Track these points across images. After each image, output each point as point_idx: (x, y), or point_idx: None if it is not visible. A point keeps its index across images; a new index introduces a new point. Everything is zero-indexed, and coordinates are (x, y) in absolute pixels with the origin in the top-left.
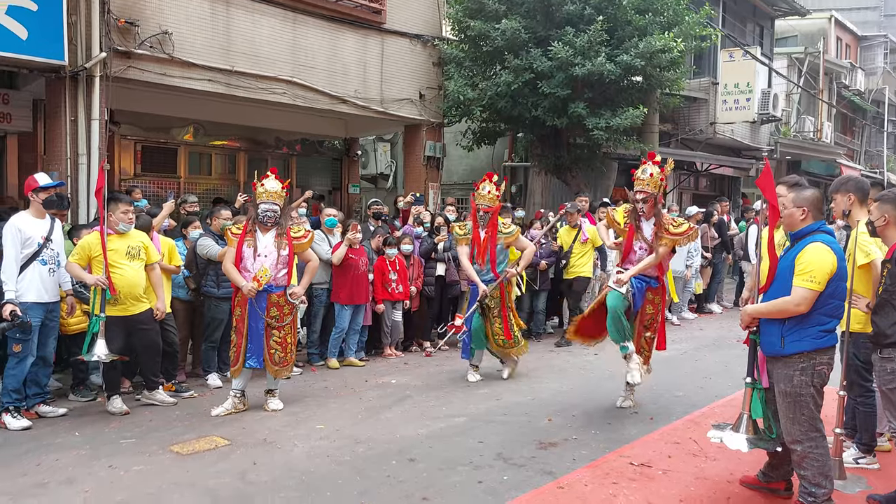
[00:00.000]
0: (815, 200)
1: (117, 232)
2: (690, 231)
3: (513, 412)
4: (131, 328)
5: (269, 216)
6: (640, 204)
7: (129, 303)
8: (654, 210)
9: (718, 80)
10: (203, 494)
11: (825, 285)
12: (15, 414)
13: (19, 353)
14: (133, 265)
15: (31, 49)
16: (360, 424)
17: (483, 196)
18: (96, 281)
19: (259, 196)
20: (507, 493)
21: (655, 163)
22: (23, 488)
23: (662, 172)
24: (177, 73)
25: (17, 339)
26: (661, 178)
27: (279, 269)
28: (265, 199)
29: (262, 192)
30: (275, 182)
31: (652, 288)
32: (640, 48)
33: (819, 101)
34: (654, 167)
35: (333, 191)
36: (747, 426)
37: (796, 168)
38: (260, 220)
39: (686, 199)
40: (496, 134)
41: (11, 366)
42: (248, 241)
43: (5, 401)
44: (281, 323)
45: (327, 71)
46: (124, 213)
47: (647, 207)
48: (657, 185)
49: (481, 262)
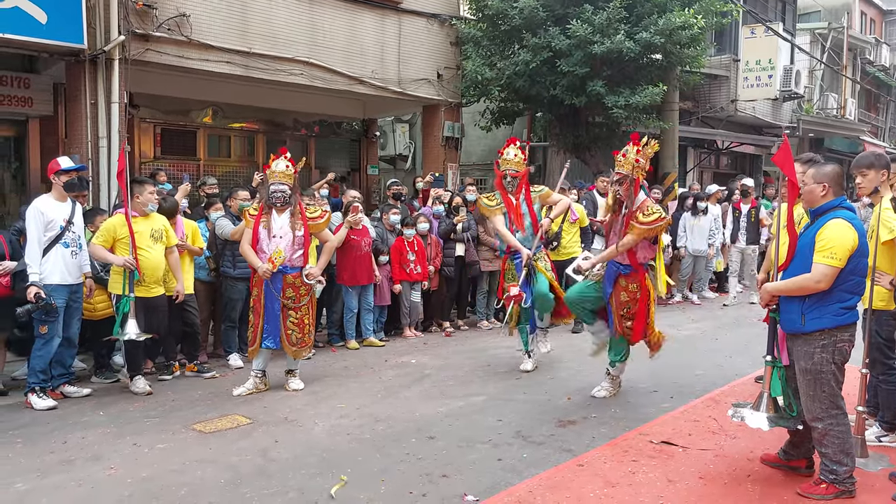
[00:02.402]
0: (835, 176)
1: (143, 214)
2: (660, 221)
3: (532, 391)
4: (151, 310)
5: (277, 196)
6: (616, 186)
7: (151, 285)
8: (628, 193)
9: (740, 57)
10: (225, 470)
11: (846, 262)
12: (41, 394)
13: (45, 334)
14: (156, 248)
15: (50, 33)
16: (379, 403)
17: (509, 161)
18: (125, 262)
19: (269, 177)
20: (527, 471)
21: (636, 144)
22: (50, 465)
23: (639, 154)
24: (195, 55)
25: (42, 321)
26: (636, 160)
27: (294, 250)
28: (274, 179)
29: (270, 173)
30: (283, 162)
31: (623, 274)
32: (660, 25)
33: (842, 78)
34: (631, 148)
35: (352, 172)
36: (767, 404)
37: (819, 146)
38: (270, 202)
39: (707, 178)
40: (514, 114)
41: (38, 347)
42: (264, 222)
43: (31, 381)
44: (298, 304)
45: (345, 52)
46: (151, 193)
47: (622, 190)
48: (633, 165)
49: (521, 227)
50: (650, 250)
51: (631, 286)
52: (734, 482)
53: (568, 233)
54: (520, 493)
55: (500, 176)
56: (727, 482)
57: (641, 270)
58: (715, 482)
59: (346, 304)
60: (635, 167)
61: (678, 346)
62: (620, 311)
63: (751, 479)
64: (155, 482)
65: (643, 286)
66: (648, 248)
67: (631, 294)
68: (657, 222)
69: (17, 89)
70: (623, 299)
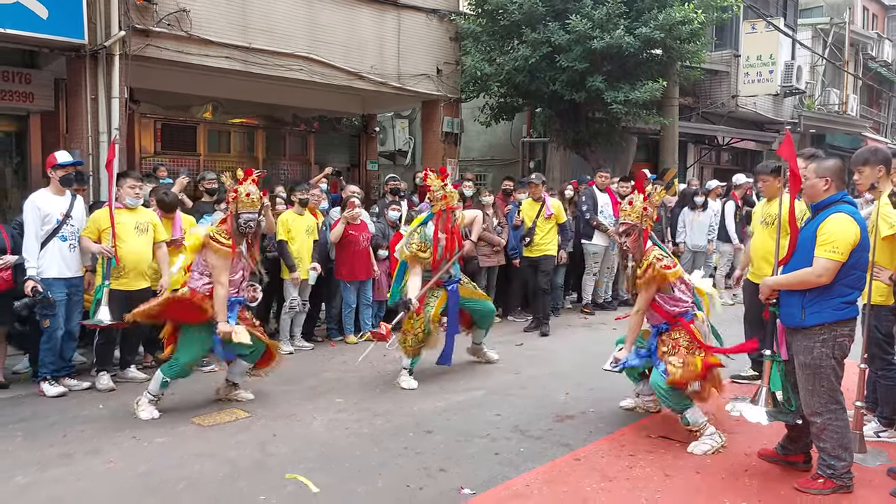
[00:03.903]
0: (837, 170)
1: (125, 206)
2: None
3: (531, 386)
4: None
5: (251, 227)
6: (623, 238)
7: (132, 277)
8: (637, 245)
9: (740, 53)
10: (223, 464)
11: (848, 256)
12: (52, 382)
13: (48, 327)
14: (140, 240)
15: (51, 28)
16: (378, 398)
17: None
18: (101, 249)
19: (240, 205)
20: (524, 465)
21: (641, 191)
22: (50, 458)
23: (646, 201)
24: (194, 50)
25: (43, 315)
26: (644, 209)
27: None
28: (244, 207)
29: (245, 202)
30: (254, 187)
31: (664, 332)
32: (660, 20)
33: (844, 73)
34: (638, 196)
35: (352, 167)
36: (766, 399)
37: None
38: (241, 231)
39: (707, 174)
40: (514, 109)
41: (44, 340)
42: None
43: (43, 371)
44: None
45: (344, 46)
46: (131, 187)
47: (630, 242)
48: (640, 215)
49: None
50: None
51: (674, 334)
52: (731, 477)
53: (542, 229)
54: (516, 486)
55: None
56: (724, 477)
57: (683, 321)
58: (712, 476)
59: (345, 299)
60: (643, 216)
61: None
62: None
63: (748, 474)
64: (153, 476)
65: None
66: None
67: (674, 342)
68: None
69: (18, 84)
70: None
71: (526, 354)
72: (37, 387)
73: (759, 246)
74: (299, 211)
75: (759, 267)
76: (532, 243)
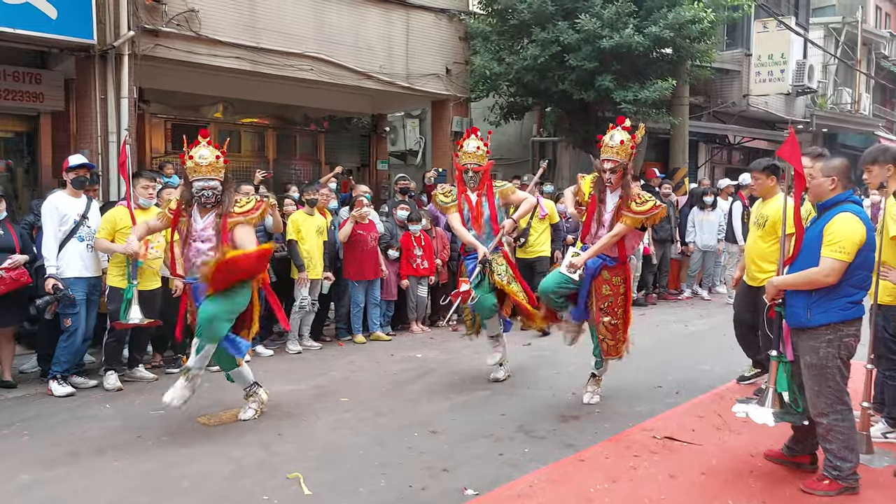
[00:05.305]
0: (843, 169)
1: (139, 206)
2: (655, 210)
3: (537, 386)
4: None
5: (207, 196)
6: (608, 174)
7: (147, 277)
8: (621, 181)
9: (752, 52)
10: (228, 463)
11: (854, 256)
12: (61, 381)
13: (69, 326)
14: (153, 240)
15: (60, 28)
16: (383, 397)
17: (470, 154)
18: (125, 249)
19: (190, 172)
20: (528, 465)
21: (626, 129)
22: (55, 457)
23: (633, 140)
24: (203, 50)
25: (65, 314)
26: (631, 147)
27: None
28: (199, 173)
29: (193, 167)
30: (208, 150)
31: (608, 266)
32: (670, 19)
33: (857, 73)
34: (623, 133)
35: (362, 167)
36: (773, 400)
37: (833, 141)
38: (198, 202)
39: (718, 173)
40: (524, 109)
41: (64, 339)
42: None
43: (55, 369)
44: None
45: (352, 46)
46: (144, 188)
47: (614, 178)
48: (628, 153)
49: (478, 227)
50: (637, 240)
51: (615, 279)
52: (737, 478)
53: (536, 230)
54: (520, 487)
55: (461, 170)
56: (729, 478)
57: (627, 263)
58: (717, 478)
59: (353, 298)
60: (629, 154)
61: (685, 342)
62: (601, 305)
63: (754, 475)
64: (157, 475)
65: (627, 281)
66: (636, 238)
67: (614, 288)
68: (652, 210)
69: (28, 85)
70: (605, 293)
71: (532, 354)
72: (45, 386)
73: (751, 247)
74: (309, 211)
75: (749, 269)
76: (526, 244)
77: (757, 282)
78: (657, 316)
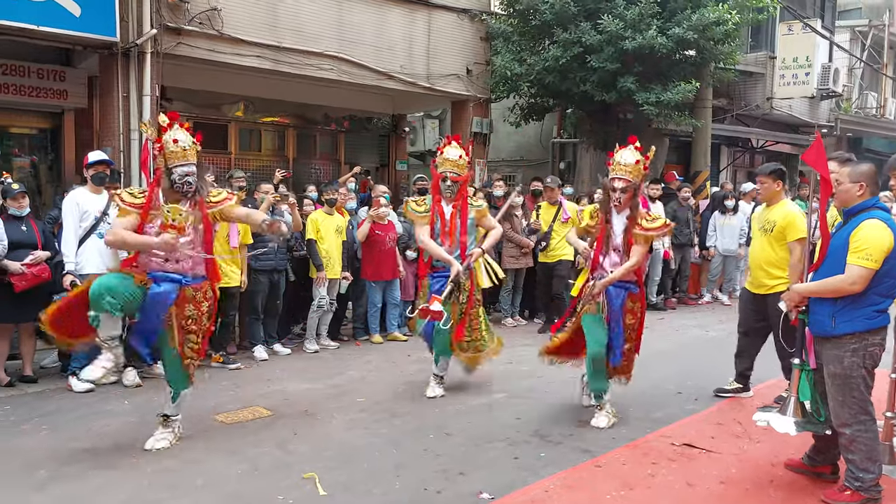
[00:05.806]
0: (872, 175)
1: None
2: (665, 228)
3: (554, 390)
4: None
5: (189, 183)
6: (619, 193)
7: None
8: (630, 202)
9: (776, 54)
10: (243, 462)
11: (881, 263)
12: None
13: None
14: None
15: (84, 26)
16: (399, 398)
17: (451, 162)
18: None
19: (169, 157)
20: (543, 470)
21: (638, 149)
22: (73, 453)
23: (647, 160)
24: (226, 49)
25: None
26: (644, 168)
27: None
28: (176, 159)
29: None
30: (183, 133)
31: (632, 294)
32: (693, 21)
33: (883, 76)
34: (637, 153)
35: (381, 167)
36: (795, 408)
37: (857, 145)
38: (179, 190)
39: (741, 177)
40: (544, 110)
41: None
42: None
43: (74, 365)
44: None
45: (373, 46)
46: None
47: (624, 198)
48: (640, 173)
49: (449, 241)
50: (646, 259)
51: (636, 305)
52: (756, 487)
53: (558, 234)
54: (535, 492)
55: (438, 178)
56: (749, 487)
57: (643, 287)
58: (736, 487)
59: (370, 298)
60: (642, 175)
61: (705, 347)
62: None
63: (774, 485)
64: (174, 472)
65: (643, 303)
66: (646, 257)
67: (635, 315)
68: (662, 228)
69: (52, 82)
70: (629, 322)
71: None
72: (65, 381)
73: (757, 254)
74: (328, 211)
75: (755, 276)
76: (548, 248)
77: (765, 289)
78: (677, 321)
